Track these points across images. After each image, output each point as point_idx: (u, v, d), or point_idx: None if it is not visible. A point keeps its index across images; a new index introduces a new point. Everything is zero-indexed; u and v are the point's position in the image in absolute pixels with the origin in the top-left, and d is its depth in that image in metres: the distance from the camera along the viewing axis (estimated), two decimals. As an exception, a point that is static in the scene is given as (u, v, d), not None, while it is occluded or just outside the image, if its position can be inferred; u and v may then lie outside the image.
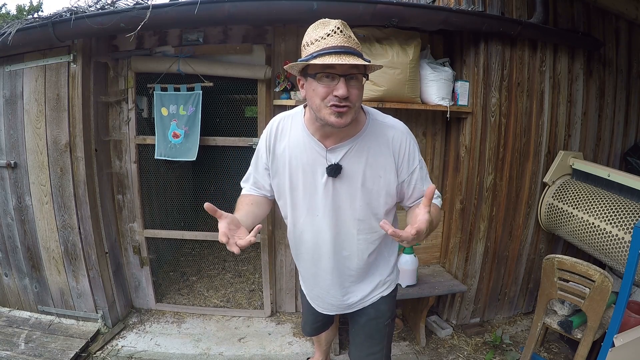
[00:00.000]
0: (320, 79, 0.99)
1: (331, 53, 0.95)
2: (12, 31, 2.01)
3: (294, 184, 1.20)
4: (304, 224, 1.24)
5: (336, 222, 1.20)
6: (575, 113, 2.52)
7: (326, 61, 0.94)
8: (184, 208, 3.26)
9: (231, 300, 2.88)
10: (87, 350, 2.27)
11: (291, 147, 1.18)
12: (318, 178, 1.16)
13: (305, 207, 1.21)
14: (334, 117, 1.01)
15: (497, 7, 2.26)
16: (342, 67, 0.97)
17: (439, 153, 2.63)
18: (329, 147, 1.13)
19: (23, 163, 2.35)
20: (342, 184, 1.15)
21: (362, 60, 0.98)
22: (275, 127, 1.21)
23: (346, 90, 0.97)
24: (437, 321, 2.60)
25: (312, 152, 1.15)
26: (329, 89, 0.99)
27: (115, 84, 2.42)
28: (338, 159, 1.13)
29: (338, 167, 1.12)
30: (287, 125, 1.20)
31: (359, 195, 1.16)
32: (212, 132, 2.47)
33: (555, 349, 2.38)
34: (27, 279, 2.55)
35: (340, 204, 1.17)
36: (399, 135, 1.15)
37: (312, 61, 0.96)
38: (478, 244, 2.48)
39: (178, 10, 1.91)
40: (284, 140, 1.19)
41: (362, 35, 2.14)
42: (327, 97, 1.00)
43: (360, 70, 1.01)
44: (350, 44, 0.98)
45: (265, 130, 1.24)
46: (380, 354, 1.42)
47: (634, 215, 1.91)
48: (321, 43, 0.97)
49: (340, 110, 1.00)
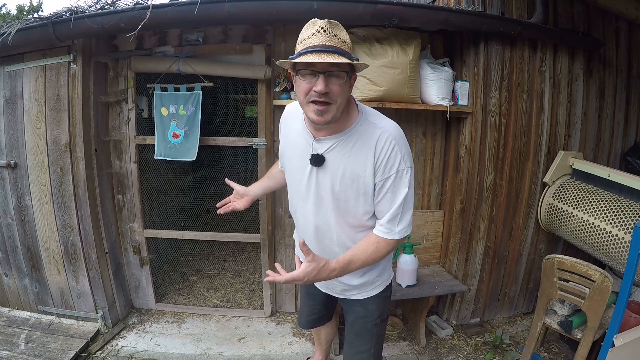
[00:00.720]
0: (304, 76, 1.06)
1: (312, 52, 1.01)
2: (12, 31, 2.01)
3: (289, 167, 1.34)
4: (296, 205, 1.34)
5: (318, 211, 1.26)
6: (575, 113, 2.52)
7: (306, 59, 1.00)
8: (184, 208, 3.26)
9: (231, 300, 2.88)
10: (87, 350, 2.27)
11: (291, 133, 1.29)
12: (304, 165, 1.23)
13: (295, 190, 1.32)
14: (315, 115, 1.07)
15: (497, 7, 2.26)
16: (321, 65, 1.02)
17: (439, 153, 2.63)
18: (317, 137, 1.19)
19: (23, 163, 2.35)
20: (325, 175, 1.20)
21: (344, 58, 1.01)
22: (287, 112, 1.36)
23: (324, 86, 1.02)
24: (437, 321, 2.60)
25: (302, 140, 1.23)
26: (311, 85, 1.05)
27: (115, 84, 2.42)
28: (323, 150, 1.18)
29: (320, 158, 1.18)
30: (293, 113, 1.31)
31: (338, 190, 1.19)
32: (212, 132, 2.47)
33: (555, 349, 2.38)
34: (27, 279, 2.55)
35: (322, 194, 1.23)
36: (384, 136, 1.13)
37: (297, 59, 1.03)
38: (478, 244, 2.48)
39: (178, 10, 1.91)
40: (288, 126, 1.32)
41: (362, 35, 2.14)
42: (308, 93, 1.06)
43: (342, 67, 1.04)
44: (334, 42, 1.02)
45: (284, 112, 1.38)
46: (368, 353, 1.43)
47: (634, 215, 1.91)
48: (307, 42, 1.03)
49: (320, 107, 1.05)
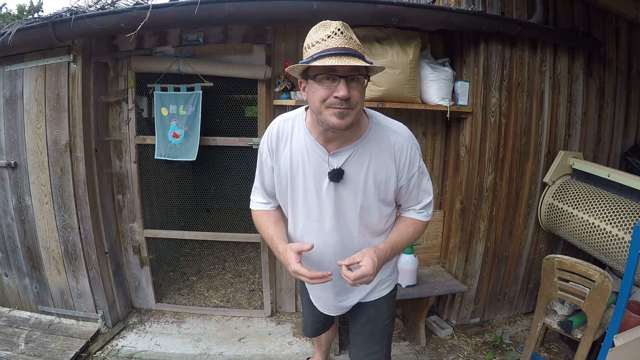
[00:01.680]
0: (321, 81, 0.99)
1: (332, 55, 0.95)
2: (12, 31, 2.01)
3: (294, 188, 1.19)
4: (304, 227, 1.23)
5: (338, 227, 1.19)
6: (575, 113, 2.52)
7: (326, 63, 0.94)
8: (184, 208, 3.26)
9: (231, 300, 2.88)
10: (87, 350, 2.27)
11: (294, 151, 1.16)
12: (320, 183, 1.14)
13: (305, 212, 1.20)
14: (335, 118, 1.00)
15: (497, 7, 2.26)
16: (342, 69, 0.96)
17: (439, 153, 2.63)
18: (331, 151, 1.11)
19: (23, 163, 2.35)
20: (345, 189, 1.14)
21: (363, 62, 0.97)
22: (275, 130, 1.19)
23: (347, 91, 0.97)
24: (437, 321, 2.60)
25: (315, 157, 1.13)
26: (330, 90, 0.98)
27: (115, 84, 2.42)
28: (340, 163, 1.12)
29: (340, 172, 1.11)
30: (288, 128, 1.17)
31: (360, 200, 1.15)
32: (212, 132, 2.47)
33: (555, 349, 2.38)
34: (27, 279, 2.55)
35: (341, 209, 1.17)
36: (401, 141, 1.15)
37: (313, 63, 0.96)
38: (478, 244, 2.48)
39: (178, 10, 1.91)
40: (286, 144, 1.17)
41: (362, 35, 2.14)
42: (327, 99, 0.99)
43: (361, 71, 1.00)
44: (351, 45, 0.98)
45: (265, 134, 1.22)
46: (380, 353, 1.43)
47: (634, 215, 1.91)
48: (322, 45, 0.97)
49: (341, 110, 0.98)
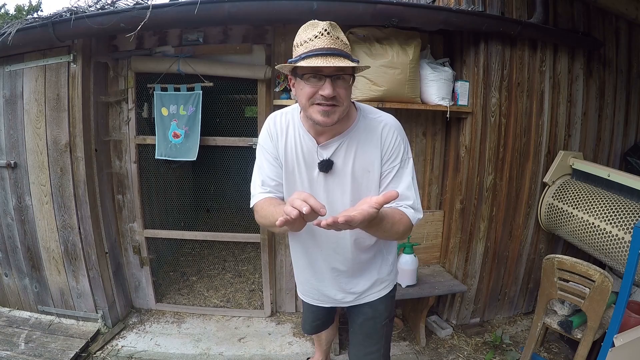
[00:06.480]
0: (308, 79, 1.02)
1: (318, 55, 0.98)
2: (12, 31, 2.01)
3: (290, 180, 1.23)
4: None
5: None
6: (575, 113, 2.52)
7: (312, 64, 0.97)
8: (184, 208, 3.26)
9: (231, 300, 2.88)
10: (87, 350, 2.27)
11: (289, 144, 1.21)
12: (312, 174, 1.19)
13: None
14: (321, 116, 1.04)
15: (497, 7, 2.26)
16: (328, 69, 0.99)
17: (439, 153, 2.63)
18: (321, 143, 1.16)
19: (23, 163, 2.35)
20: (334, 179, 1.18)
21: (349, 61, 1.00)
22: (274, 122, 1.23)
23: (332, 90, 1.00)
24: (437, 321, 2.60)
25: (307, 148, 1.18)
26: (316, 88, 1.02)
27: (115, 84, 2.42)
28: (329, 154, 1.16)
29: (329, 163, 1.16)
30: (284, 122, 1.22)
31: (349, 190, 1.18)
32: (212, 132, 2.47)
33: (555, 349, 2.38)
34: (27, 279, 2.55)
35: (332, 199, 1.20)
36: (387, 128, 1.17)
37: (300, 63, 0.99)
38: (478, 244, 2.48)
39: (178, 10, 1.91)
40: (283, 137, 1.21)
41: (362, 35, 2.14)
42: (313, 96, 1.03)
43: (347, 71, 1.03)
44: (337, 45, 1.00)
45: (264, 126, 1.25)
46: (377, 353, 1.43)
47: (634, 215, 1.91)
48: (309, 45, 1.00)
49: (326, 108, 1.02)
